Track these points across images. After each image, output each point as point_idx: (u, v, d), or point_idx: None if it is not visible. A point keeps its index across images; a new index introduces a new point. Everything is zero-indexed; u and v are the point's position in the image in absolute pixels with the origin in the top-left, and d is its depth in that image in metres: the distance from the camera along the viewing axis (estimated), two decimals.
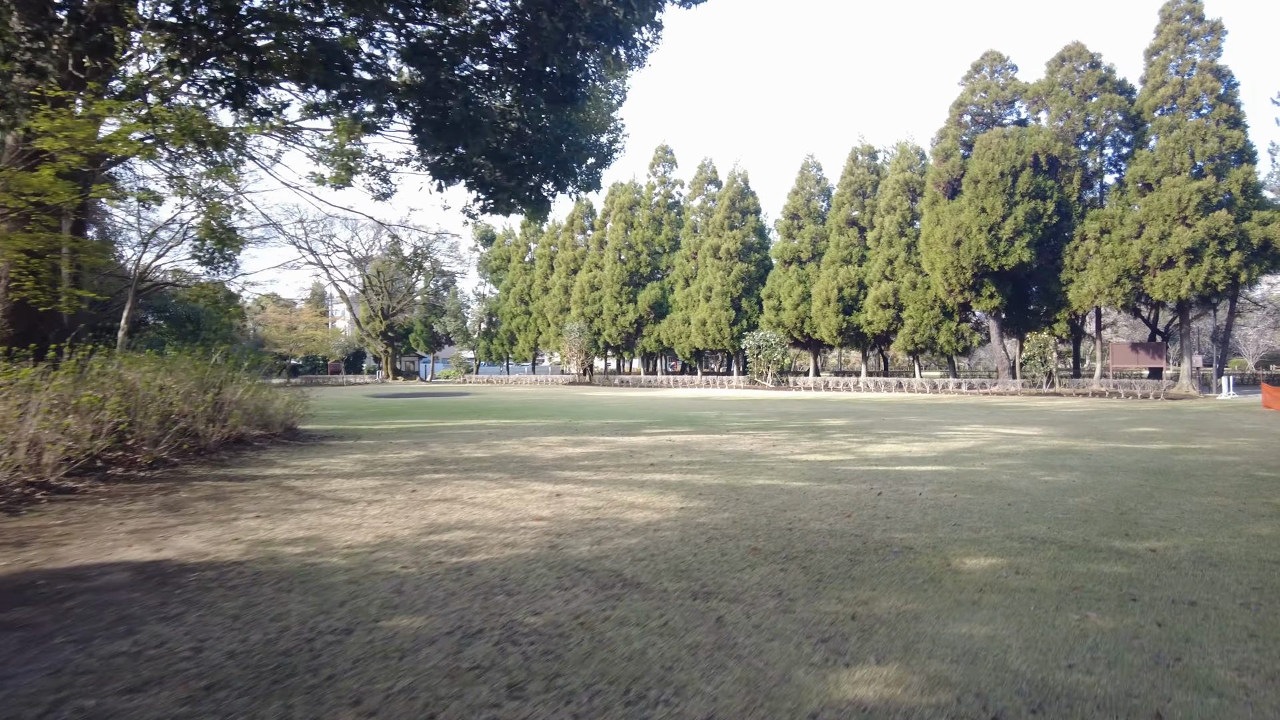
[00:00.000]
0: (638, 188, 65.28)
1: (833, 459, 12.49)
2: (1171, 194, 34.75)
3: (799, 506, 8.22)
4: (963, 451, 13.49)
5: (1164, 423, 20.22)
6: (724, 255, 55.11)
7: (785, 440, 15.67)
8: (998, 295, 40.32)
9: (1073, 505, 8.26)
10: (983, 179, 39.14)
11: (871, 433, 17.45)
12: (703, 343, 56.50)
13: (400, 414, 25.54)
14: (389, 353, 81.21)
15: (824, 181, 54.39)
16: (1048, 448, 14.05)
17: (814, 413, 25.15)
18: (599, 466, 11.56)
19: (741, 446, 14.43)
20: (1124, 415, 23.37)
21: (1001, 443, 15.01)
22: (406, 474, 10.89)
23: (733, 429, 18.58)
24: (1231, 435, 16.50)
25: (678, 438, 16.32)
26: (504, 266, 76.84)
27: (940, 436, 16.39)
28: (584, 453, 13.50)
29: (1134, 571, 5.62)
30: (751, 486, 9.56)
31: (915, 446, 14.40)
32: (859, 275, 48.20)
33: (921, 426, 19.15)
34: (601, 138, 22.67)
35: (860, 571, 5.67)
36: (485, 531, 7.04)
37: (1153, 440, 15.44)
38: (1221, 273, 33.63)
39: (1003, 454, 13.07)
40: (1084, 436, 16.27)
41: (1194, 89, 35.96)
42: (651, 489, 9.38)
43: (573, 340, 60.78)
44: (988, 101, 42.50)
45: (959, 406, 29.01)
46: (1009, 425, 19.55)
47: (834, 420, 21.48)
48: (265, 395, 15.50)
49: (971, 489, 9.33)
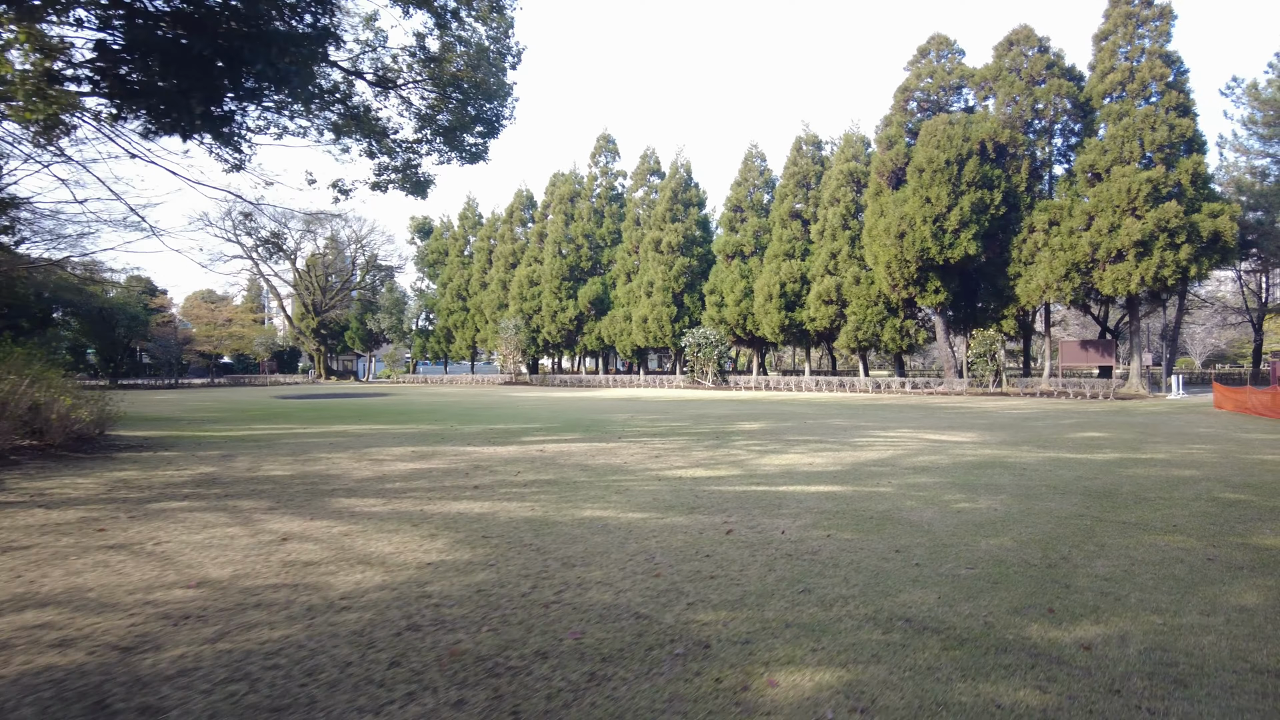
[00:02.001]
0: (579, 178, 62.34)
1: (712, 475, 10.09)
2: (1121, 184, 33.13)
3: (600, 559, 5.79)
4: (873, 465, 11.17)
5: (1112, 426, 18.25)
6: (666, 249, 52.56)
7: (676, 450, 13.25)
8: (943, 290, 38.45)
9: (985, 552, 5.93)
10: (928, 167, 37.20)
11: (782, 439, 15.12)
12: (644, 340, 53.92)
13: (273, 418, 22.66)
14: (321, 351, 77.37)
15: (768, 172, 52.09)
16: (976, 459, 11.81)
17: (735, 415, 22.84)
18: (406, 491, 9.02)
19: (618, 459, 11.99)
20: (1070, 417, 21.44)
21: (925, 452, 12.75)
22: (136, 502, 8.32)
23: (628, 436, 16.13)
24: (1186, 441, 14.48)
25: (553, 447, 13.82)
26: (441, 260, 73.14)
27: (857, 444, 14.10)
28: (412, 470, 10.92)
29: (1052, 704, 3.25)
30: (565, 523, 7.10)
31: (820, 458, 12.08)
32: (802, 270, 45.99)
33: (843, 432, 16.88)
34: (488, 104, 20.12)
35: (589, 706, 3.25)
36: (64, 613, 4.49)
37: (1099, 448, 13.33)
38: (1171, 266, 32.06)
39: (920, 468, 10.77)
40: (1022, 444, 14.12)
41: (1143, 75, 34.42)
42: (425, 529, 6.89)
43: (508, 338, 57.58)
44: (934, 87, 40.60)
45: (897, 408, 26.96)
46: (942, 430, 17.39)
47: (750, 424, 19.15)
48: (39, 395, 12.61)
49: (857, 523, 6.97)
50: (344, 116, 20.45)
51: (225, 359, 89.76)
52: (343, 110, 20.50)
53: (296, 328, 79.08)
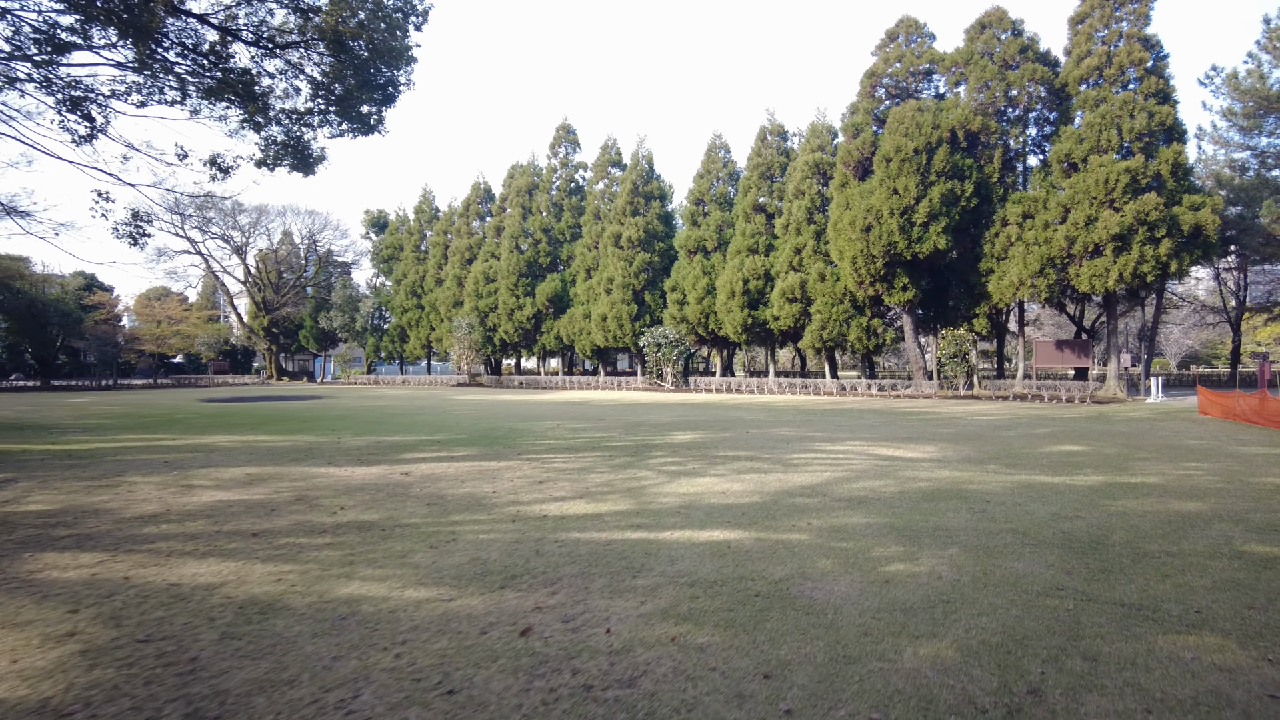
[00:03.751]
0: (538, 170, 59.32)
1: (588, 513, 7.72)
2: (1098, 174, 31.16)
3: (262, 699, 3.36)
4: (800, 495, 8.84)
5: (1092, 436, 16.09)
6: (626, 244, 49.88)
7: (572, 472, 10.86)
8: (912, 287, 36.30)
9: (906, 675, 3.55)
10: (895, 157, 35.01)
11: (708, 456, 12.77)
12: (603, 340, 51.23)
13: (162, 426, 19.99)
14: (272, 351, 74.00)
15: (732, 164, 49.45)
16: (930, 485, 9.51)
17: (675, 422, 20.49)
18: (161, 538, 6.60)
19: (490, 487, 9.59)
20: (1045, 425, 19.32)
21: (869, 475, 10.44)
22: None
23: (533, 451, 13.72)
24: (1178, 458, 12.30)
25: (428, 468, 11.39)
26: (396, 256, 69.68)
27: (792, 464, 11.78)
28: (216, 502, 8.44)
29: None
30: (294, 609, 4.67)
31: (739, 483, 9.73)
32: (766, 266, 43.53)
33: (783, 445, 14.56)
34: (386, 70, 17.64)
35: None
36: None
37: (1079, 468, 11.10)
38: (1151, 262, 30.11)
39: (856, 500, 8.45)
40: (988, 462, 11.87)
41: (1121, 60, 32.49)
42: (61, 620, 4.41)
43: (461, 337, 54.44)
44: (903, 72, 38.40)
45: (858, 413, 24.75)
46: (899, 442, 15.13)
47: (684, 435, 16.79)
48: None
49: (732, 608, 4.57)
50: (221, 83, 17.88)
51: (177, 359, 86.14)
52: (220, 76, 17.94)
53: (247, 326, 75.74)
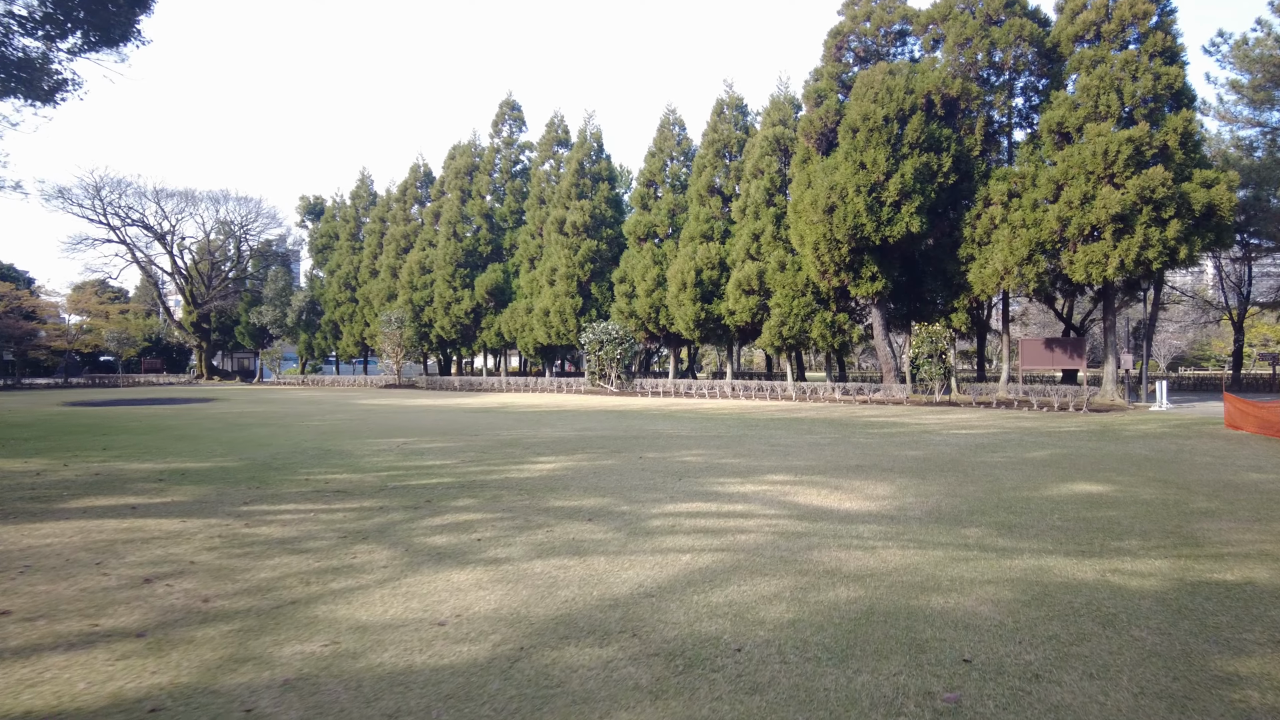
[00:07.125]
0: (479, 150, 53.90)
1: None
2: (1096, 145, 26.64)
3: None
4: (585, 634, 3.96)
5: (1110, 465, 11.39)
6: (571, 230, 44.78)
7: (251, 548, 5.98)
8: (881, 277, 31.64)
9: None
10: (863, 126, 30.35)
11: (533, 508, 7.90)
12: (546, 336, 46.13)
13: None
14: (203, 348, 68.36)
15: (687, 142, 44.47)
16: (858, 603, 4.67)
17: (562, 440, 15.63)
18: None
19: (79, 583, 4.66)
20: (1041, 444, 14.65)
21: (753, 566, 5.61)
22: None
23: (262, 502, 8.82)
24: (1264, 512, 7.55)
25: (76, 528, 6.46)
26: (331, 245, 64.55)
27: (648, 529, 6.93)
28: None
29: None
30: None
31: (504, 592, 4.84)
32: (722, 254, 38.71)
33: (670, 483, 9.71)
34: None
35: None
36: None
37: (1116, 535, 6.34)
38: (1157, 246, 25.62)
39: (685, 662, 3.59)
40: (970, 521, 7.09)
41: (1122, 13, 28.03)
42: None
43: (389, 333, 49.14)
44: (872, 31, 33.72)
45: (808, 424, 20.02)
46: (841, 476, 10.34)
47: (549, 462, 11.90)
48: None
49: None
50: None
51: (105, 358, 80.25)
52: None
53: (176, 322, 70.11)
